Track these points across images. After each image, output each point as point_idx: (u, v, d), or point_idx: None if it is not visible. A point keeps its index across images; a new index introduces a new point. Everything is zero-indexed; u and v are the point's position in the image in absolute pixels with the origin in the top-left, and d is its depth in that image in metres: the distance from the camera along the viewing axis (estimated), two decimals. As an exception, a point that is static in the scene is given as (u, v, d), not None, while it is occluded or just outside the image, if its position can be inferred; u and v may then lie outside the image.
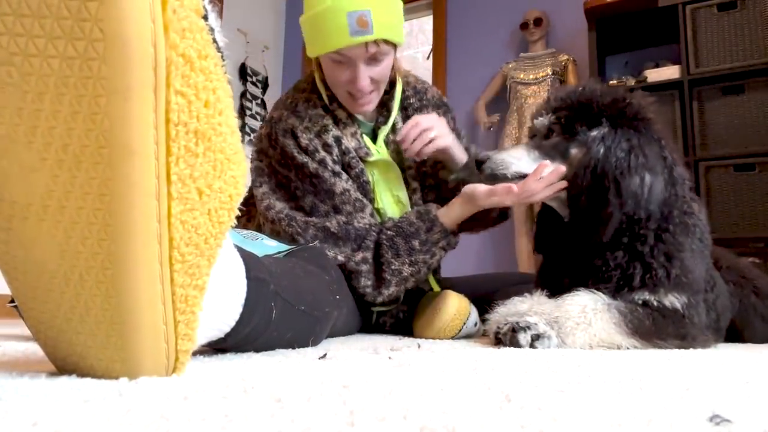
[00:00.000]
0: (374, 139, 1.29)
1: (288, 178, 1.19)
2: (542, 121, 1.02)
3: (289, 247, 0.98)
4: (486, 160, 1.02)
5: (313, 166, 1.16)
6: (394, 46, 1.17)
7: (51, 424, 0.28)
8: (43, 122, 0.38)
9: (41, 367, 0.48)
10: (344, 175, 1.20)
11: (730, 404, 0.38)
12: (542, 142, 1.02)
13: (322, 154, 1.18)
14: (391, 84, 1.29)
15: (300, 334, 0.75)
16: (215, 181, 0.44)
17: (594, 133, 0.96)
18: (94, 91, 0.37)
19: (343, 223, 1.15)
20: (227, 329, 0.57)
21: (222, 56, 0.43)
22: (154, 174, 0.39)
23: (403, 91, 1.32)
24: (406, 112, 1.31)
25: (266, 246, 0.94)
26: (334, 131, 1.22)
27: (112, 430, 0.27)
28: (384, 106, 1.29)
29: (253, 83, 3.60)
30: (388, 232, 1.14)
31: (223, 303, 0.54)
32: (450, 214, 1.15)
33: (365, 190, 1.23)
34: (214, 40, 0.42)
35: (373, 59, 1.14)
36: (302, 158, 1.17)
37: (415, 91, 1.33)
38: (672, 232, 0.95)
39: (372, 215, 1.21)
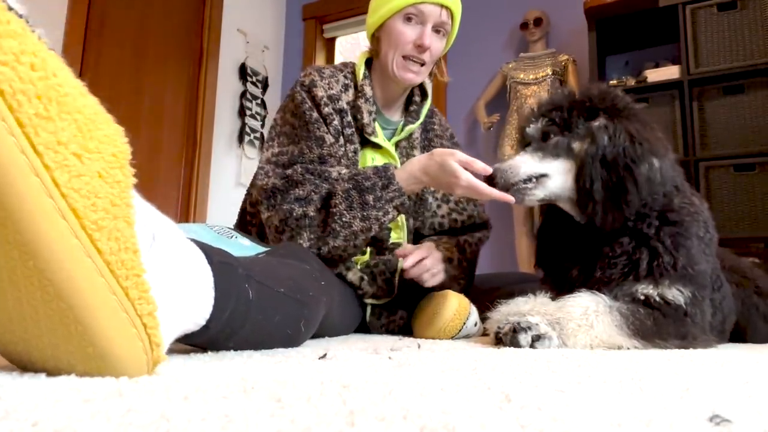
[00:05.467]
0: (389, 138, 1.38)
1: (292, 125, 1.25)
2: (536, 126, 1.03)
3: (265, 248, 0.96)
4: (495, 174, 1.03)
5: (315, 116, 1.23)
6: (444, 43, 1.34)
7: (51, 424, 0.28)
8: None
9: (41, 367, 0.48)
10: (341, 140, 1.26)
11: (730, 404, 0.38)
12: (541, 144, 1.03)
13: (329, 110, 1.25)
14: (423, 95, 1.43)
15: (288, 318, 0.74)
16: (89, 142, 0.42)
17: (596, 123, 0.98)
18: None
19: (306, 171, 1.17)
20: (207, 315, 0.57)
21: (27, 22, 0.41)
22: (18, 150, 0.37)
23: (430, 114, 1.45)
24: (427, 134, 1.44)
25: (241, 245, 0.93)
26: (350, 98, 1.30)
27: (112, 430, 0.27)
28: (411, 113, 1.40)
29: (253, 83, 3.60)
30: (345, 184, 1.14)
31: (190, 292, 0.54)
32: (407, 167, 1.16)
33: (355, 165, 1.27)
34: (10, 8, 0.41)
35: (438, 30, 1.29)
36: (308, 109, 1.24)
37: (441, 123, 1.48)
38: (677, 211, 0.97)
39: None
